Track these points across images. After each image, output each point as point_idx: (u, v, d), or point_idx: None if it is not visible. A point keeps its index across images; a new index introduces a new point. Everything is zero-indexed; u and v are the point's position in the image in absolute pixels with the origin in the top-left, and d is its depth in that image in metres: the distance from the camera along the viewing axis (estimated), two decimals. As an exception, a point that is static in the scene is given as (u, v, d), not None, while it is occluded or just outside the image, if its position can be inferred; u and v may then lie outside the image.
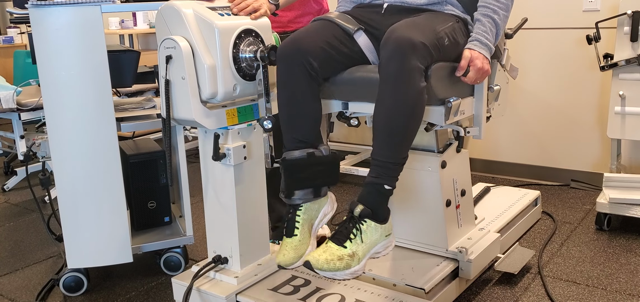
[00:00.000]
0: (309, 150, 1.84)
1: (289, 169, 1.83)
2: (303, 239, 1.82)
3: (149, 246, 2.42)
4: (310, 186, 1.84)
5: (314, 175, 1.84)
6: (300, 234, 1.82)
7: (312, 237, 1.86)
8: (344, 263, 1.67)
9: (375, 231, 1.72)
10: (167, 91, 1.90)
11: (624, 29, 2.75)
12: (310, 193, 1.84)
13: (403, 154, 1.73)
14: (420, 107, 1.71)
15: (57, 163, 2.21)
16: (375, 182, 1.71)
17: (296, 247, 1.80)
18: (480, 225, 2.43)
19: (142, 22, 5.15)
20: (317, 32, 1.88)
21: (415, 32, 1.70)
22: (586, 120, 3.35)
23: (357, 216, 1.71)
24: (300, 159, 1.83)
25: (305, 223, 1.84)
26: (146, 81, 2.81)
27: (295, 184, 1.83)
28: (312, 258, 1.68)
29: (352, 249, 1.69)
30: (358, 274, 1.70)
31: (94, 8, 2.11)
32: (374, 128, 1.73)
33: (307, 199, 1.84)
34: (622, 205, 2.64)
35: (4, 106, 3.18)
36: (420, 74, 1.69)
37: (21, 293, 2.42)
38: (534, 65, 3.45)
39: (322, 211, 1.89)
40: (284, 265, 1.79)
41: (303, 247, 1.81)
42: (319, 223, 1.89)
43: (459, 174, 2.23)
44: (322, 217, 1.89)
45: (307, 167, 1.83)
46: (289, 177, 1.83)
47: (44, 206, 3.47)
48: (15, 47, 5.71)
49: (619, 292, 2.21)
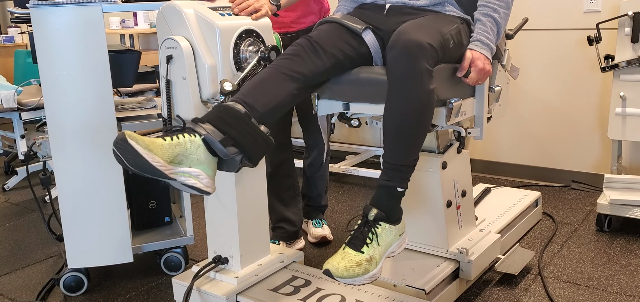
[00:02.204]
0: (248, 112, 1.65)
1: (220, 108, 1.65)
2: (164, 149, 1.54)
3: (149, 246, 2.42)
4: (226, 133, 1.60)
5: (238, 130, 1.61)
6: (167, 144, 1.54)
7: (166, 168, 1.53)
8: (363, 268, 1.66)
9: (390, 232, 1.72)
10: (168, 91, 1.90)
11: (624, 30, 2.75)
12: (218, 136, 1.58)
13: (414, 155, 1.73)
14: (430, 109, 1.71)
15: (58, 163, 2.21)
16: (388, 185, 1.71)
17: (154, 143, 1.53)
18: (480, 226, 2.43)
19: (143, 22, 5.15)
20: (330, 37, 1.87)
21: (423, 34, 1.70)
22: (587, 122, 3.35)
23: (372, 220, 1.70)
24: (235, 107, 1.64)
25: (178, 148, 1.55)
26: (147, 81, 2.81)
27: (215, 120, 1.61)
28: (331, 266, 1.66)
29: (370, 254, 1.68)
30: (376, 277, 1.69)
31: (95, 8, 2.11)
32: (385, 131, 1.72)
33: (210, 138, 1.58)
34: (622, 206, 2.64)
35: (5, 106, 3.18)
36: (429, 76, 1.69)
37: (21, 293, 2.42)
38: (535, 66, 3.45)
39: (198, 168, 1.58)
40: (128, 137, 1.49)
41: (157, 150, 1.53)
42: (185, 174, 1.57)
43: (459, 174, 2.23)
44: (194, 174, 1.57)
45: (237, 119, 1.62)
46: (214, 112, 1.64)
47: (44, 206, 3.47)
48: (16, 46, 5.71)
49: (620, 293, 2.20)
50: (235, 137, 1.61)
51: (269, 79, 1.75)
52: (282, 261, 2.16)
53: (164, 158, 1.53)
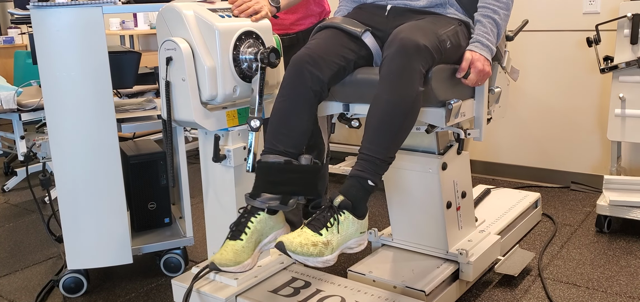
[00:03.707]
0: (288, 158, 1.79)
1: (262, 170, 1.78)
2: (246, 248, 1.74)
3: (149, 247, 2.42)
4: (280, 191, 1.76)
5: (287, 181, 1.76)
6: (246, 242, 1.74)
7: (255, 254, 1.77)
8: (318, 250, 1.63)
9: (352, 224, 1.69)
10: (168, 92, 1.90)
11: (624, 31, 2.75)
12: (276, 199, 1.76)
13: (391, 152, 1.72)
14: (415, 109, 1.72)
15: (58, 164, 2.21)
16: (360, 175, 1.70)
17: (237, 253, 1.72)
18: (480, 227, 2.43)
19: (143, 23, 5.15)
20: (328, 44, 1.88)
21: (419, 35, 1.72)
22: (586, 123, 3.35)
23: (336, 206, 1.69)
24: (275, 163, 1.77)
25: (255, 234, 1.76)
26: (147, 82, 2.81)
27: (265, 186, 1.76)
28: (286, 240, 1.63)
29: (328, 238, 1.65)
30: (329, 264, 1.66)
31: (95, 9, 2.11)
32: (367, 123, 1.73)
33: (271, 206, 1.76)
34: (622, 207, 2.64)
35: (5, 107, 3.18)
36: (420, 77, 1.70)
37: (21, 294, 2.42)
38: (535, 68, 3.46)
39: (274, 233, 1.80)
40: (218, 265, 1.71)
41: (243, 256, 1.73)
42: (266, 244, 1.81)
43: (459, 175, 2.23)
44: (272, 240, 1.80)
45: (281, 172, 1.76)
46: (259, 178, 1.77)
47: (44, 207, 3.47)
48: (16, 47, 5.71)
49: (619, 294, 2.20)
50: (289, 191, 1.77)
51: (290, 114, 1.82)
52: (281, 262, 2.16)
53: (250, 255, 1.75)
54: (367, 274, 2.12)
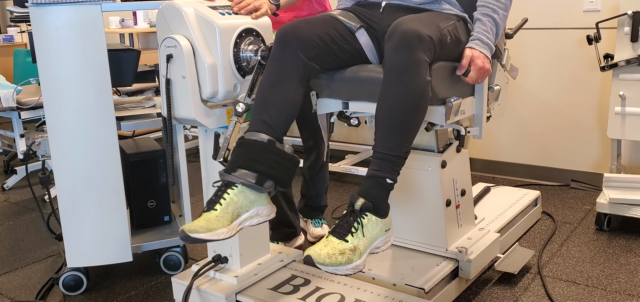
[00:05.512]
0: (272, 138, 1.74)
1: (243, 145, 1.72)
2: (221, 218, 1.64)
3: (148, 245, 2.42)
4: (257, 170, 1.68)
5: (267, 163, 1.70)
6: (220, 212, 1.64)
7: (233, 226, 1.66)
8: (346, 257, 1.61)
9: (376, 225, 1.68)
10: (168, 90, 1.90)
11: (624, 29, 2.75)
12: (252, 178, 1.68)
13: (406, 147, 1.70)
14: (425, 100, 1.70)
15: (57, 162, 2.21)
16: (377, 175, 1.68)
17: (210, 221, 1.63)
18: (480, 225, 2.43)
19: (143, 21, 5.15)
20: (319, 22, 1.88)
21: (421, 26, 1.70)
22: (586, 121, 3.35)
23: (358, 209, 1.67)
24: (257, 140, 1.72)
25: (231, 206, 1.66)
26: (146, 80, 2.81)
27: (242, 161, 1.69)
28: (313, 253, 1.61)
29: (354, 243, 1.64)
30: (359, 269, 1.65)
31: (94, 7, 2.10)
32: (377, 120, 1.70)
33: (247, 183, 1.67)
34: (622, 205, 2.65)
35: (4, 105, 3.18)
36: (426, 67, 1.69)
37: (21, 292, 2.42)
38: (534, 66, 3.45)
39: (255, 209, 1.70)
40: (187, 232, 1.60)
41: (217, 225, 1.63)
42: (247, 220, 1.70)
43: (459, 173, 2.23)
44: (253, 215, 1.71)
45: (263, 151, 1.71)
46: (239, 153, 1.71)
47: (43, 205, 3.47)
48: (15, 45, 5.71)
49: (619, 292, 2.21)
50: (266, 172, 1.70)
51: (275, 84, 1.79)
52: (281, 260, 2.16)
53: (225, 225, 1.65)
54: (366, 272, 2.12)
